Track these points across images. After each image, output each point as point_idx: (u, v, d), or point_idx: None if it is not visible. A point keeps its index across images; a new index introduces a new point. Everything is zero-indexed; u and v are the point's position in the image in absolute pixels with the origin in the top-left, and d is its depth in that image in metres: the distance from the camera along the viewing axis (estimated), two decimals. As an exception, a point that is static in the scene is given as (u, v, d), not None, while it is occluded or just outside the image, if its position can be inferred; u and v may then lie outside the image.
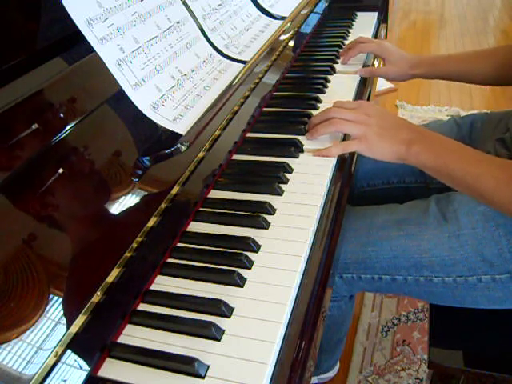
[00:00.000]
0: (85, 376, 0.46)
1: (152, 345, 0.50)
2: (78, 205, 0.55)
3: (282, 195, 0.71)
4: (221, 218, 0.67)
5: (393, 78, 1.12)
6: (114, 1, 0.70)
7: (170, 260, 0.61)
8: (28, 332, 0.44)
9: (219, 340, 0.50)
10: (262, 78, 0.96)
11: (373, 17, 1.45)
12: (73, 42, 0.63)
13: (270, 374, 0.47)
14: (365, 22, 1.42)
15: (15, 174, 0.50)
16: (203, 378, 0.47)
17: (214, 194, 0.72)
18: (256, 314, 0.53)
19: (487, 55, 1.04)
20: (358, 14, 1.47)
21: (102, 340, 0.50)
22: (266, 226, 0.65)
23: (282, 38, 1.10)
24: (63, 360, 0.46)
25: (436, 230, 0.81)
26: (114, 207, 0.58)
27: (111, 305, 0.51)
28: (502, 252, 0.77)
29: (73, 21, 0.62)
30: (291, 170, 0.76)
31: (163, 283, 0.58)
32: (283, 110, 0.95)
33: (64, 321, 0.47)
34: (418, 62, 1.08)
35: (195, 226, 0.66)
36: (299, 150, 0.81)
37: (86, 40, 0.63)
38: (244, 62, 0.93)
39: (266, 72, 0.98)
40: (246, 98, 0.88)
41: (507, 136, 0.90)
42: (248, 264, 0.59)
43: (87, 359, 0.47)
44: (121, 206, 0.58)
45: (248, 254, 0.60)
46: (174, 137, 0.70)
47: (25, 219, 0.49)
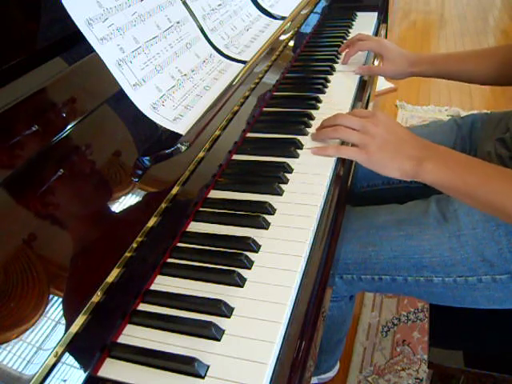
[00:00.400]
0: (85, 376, 0.46)
1: (152, 345, 0.50)
2: (78, 205, 0.55)
3: (281, 195, 0.71)
4: (221, 218, 0.67)
5: (391, 75, 1.11)
6: (114, 1, 0.70)
7: (169, 260, 0.61)
8: (28, 332, 0.44)
9: (219, 340, 0.50)
10: (261, 78, 0.96)
11: (373, 17, 1.45)
12: (73, 42, 0.63)
13: (270, 374, 0.47)
14: (365, 22, 1.42)
15: (15, 174, 0.50)
16: (203, 378, 0.47)
17: (214, 194, 0.72)
18: (256, 314, 0.53)
19: (487, 55, 1.03)
20: (358, 13, 1.47)
21: (102, 340, 0.50)
22: (265, 225, 0.65)
23: (282, 38, 1.10)
24: (63, 360, 0.46)
25: (436, 230, 0.81)
26: (114, 207, 0.58)
27: (111, 305, 0.51)
28: (503, 252, 0.77)
29: (73, 21, 0.62)
30: (291, 170, 0.76)
31: (163, 283, 0.58)
32: (283, 110, 0.95)
33: (64, 321, 0.47)
34: (417, 59, 1.07)
35: (195, 226, 0.66)
36: (299, 150, 0.81)
37: (86, 40, 0.63)
38: (244, 62, 0.93)
39: (266, 72, 0.98)
40: (246, 98, 0.88)
41: (507, 136, 0.90)
42: (248, 264, 0.59)
43: (87, 359, 0.47)
44: (121, 205, 0.58)
45: (248, 253, 0.60)
46: (174, 137, 0.70)
47: (25, 219, 0.49)
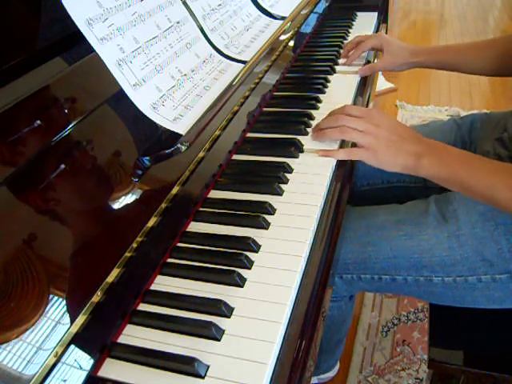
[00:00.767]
0: (85, 376, 0.46)
1: (152, 345, 0.50)
2: (78, 205, 0.55)
3: (282, 195, 0.71)
4: (221, 218, 0.67)
5: (392, 67, 1.12)
6: (114, 1, 0.70)
7: (170, 260, 0.61)
8: (28, 332, 0.44)
9: (219, 340, 0.50)
10: (261, 78, 0.96)
11: (373, 17, 1.45)
12: (73, 42, 0.63)
13: (270, 374, 0.47)
14: (365, 22, 1.42)
15: (15, 173, 0.50)
16: (203, 378, 0.47)
17: (214, 194, 0.72)
18: (256, 314, 0.53)
19: (486, 46, 1.04)
20: (358, 13, 1.47)
21: (102, 340, 0.50)
22: (266, 226, 0.65)
23: (282, 38, 1.10)
24: (63, 360, 0.46)
25: (436, 229, 0.81)
26: (114, 207, 0.58)
27: (111, 305, 0.51)
28: (502, 252, 0.77)
29: (73, 21, 0.62)
30: (291, 170, 0.76)
31: (163, 283, 0.58)
32: (283, 110, 0.95)
33: (64, 321, 0.47)
34: (417, 50, 1.09)
35: (195, 226, 0.66)
36: (299, 150, 0.81)
37: (86, 40, 0.63)
38: (244, 62, 0.93)
39: (265, 72, 0.98)
40: (246, 97, 0.88)
41: (505, 136, 0.90)
42: (248, 264, 0.59)
43: (87, 359, 0.47)
44: (121, 205, 0.58)
45: (248, 253, 0.60)
46: (174, 137, 0.70)
47: (25, 219, 0.49)
